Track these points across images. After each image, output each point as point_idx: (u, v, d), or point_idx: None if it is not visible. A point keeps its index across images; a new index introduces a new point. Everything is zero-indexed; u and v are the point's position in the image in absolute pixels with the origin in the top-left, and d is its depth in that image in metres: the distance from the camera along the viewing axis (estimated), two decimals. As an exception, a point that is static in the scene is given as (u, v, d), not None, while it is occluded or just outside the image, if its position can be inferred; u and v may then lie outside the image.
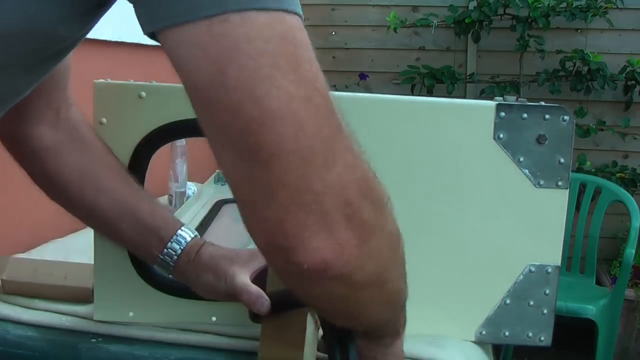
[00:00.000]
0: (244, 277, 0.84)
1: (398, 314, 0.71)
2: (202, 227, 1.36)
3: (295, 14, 0.49)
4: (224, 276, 0.84)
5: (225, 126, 0.47)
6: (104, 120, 0.93)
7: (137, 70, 1.82)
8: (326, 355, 0.79)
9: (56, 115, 0.83)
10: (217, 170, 1.74)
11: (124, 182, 0.87)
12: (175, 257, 0.86)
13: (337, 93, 1.05)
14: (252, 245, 0.53)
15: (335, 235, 0.50)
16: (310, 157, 0.48)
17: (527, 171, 0.91)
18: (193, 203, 1.58)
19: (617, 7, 3.04)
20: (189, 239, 0.87)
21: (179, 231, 0.87)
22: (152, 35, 0.49)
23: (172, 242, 0.86)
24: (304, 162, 0.48)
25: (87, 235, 1.21)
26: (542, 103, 0.92)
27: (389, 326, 0.72)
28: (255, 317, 0.83)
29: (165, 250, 0.86)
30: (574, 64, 3.14)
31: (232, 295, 0.84)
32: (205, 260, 0.87)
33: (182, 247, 0.86)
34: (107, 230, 0.89)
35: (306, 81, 0.48)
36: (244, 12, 0.46)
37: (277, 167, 0.47)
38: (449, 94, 3.13)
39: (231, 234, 0.91)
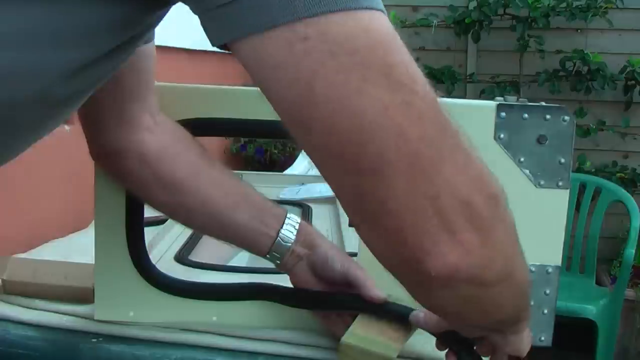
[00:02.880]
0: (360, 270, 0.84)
1: (527, 302, 0.66)
2: (196, 235, 1.35)
3: (378, 10, 0.46)
4: (342, 262, 0.85)
5: (322, 142, 0.47)
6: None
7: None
8: None
9: (152, 118, 0.82)
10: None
11: (226, 172, 0.88)
12: (296, 231, 0.85)
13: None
14: (240, 257, 0.52)
15: (458, 238, 0.48)
16: (416, 163, 0.46)
17: (527, 171, 0.91)
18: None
19: (617, 7, 3.04)
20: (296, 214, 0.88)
21: (285, 206, 0.88)
22: (223, 47, 0.47)
23: (288, 219, 0.86)
24: (409, 168, 0.46)
25: (87, 235, 1.21)
26: (543, 103, 0.92)
27: (518, 315, 0.67)
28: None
29: (284, 226, 0.85)
30: (574, 64, 3.14)
31: (344, 278, 0.84)
32: (325, 240, 0.87)
33: (298, 222, 0.86)
34: (218, 224, 0.87)
35: (401, 86, 0.46)
36: (321, 17, 0.43)
37: (382, 177, 0.46)
38: (449, 94, 3.13)
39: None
